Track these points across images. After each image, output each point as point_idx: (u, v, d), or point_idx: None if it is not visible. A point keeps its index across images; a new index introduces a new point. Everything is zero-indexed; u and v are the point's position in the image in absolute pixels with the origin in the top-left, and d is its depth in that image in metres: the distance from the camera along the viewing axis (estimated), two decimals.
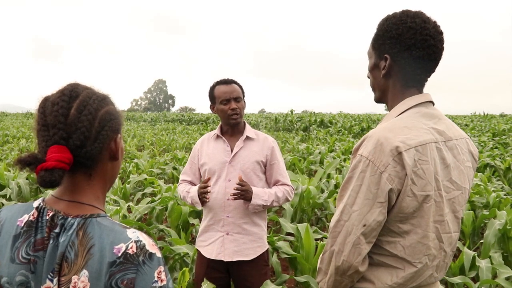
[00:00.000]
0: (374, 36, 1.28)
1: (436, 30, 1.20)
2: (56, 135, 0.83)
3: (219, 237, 2.21)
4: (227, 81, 2.28)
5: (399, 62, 1.22)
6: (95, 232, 0.84)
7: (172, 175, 7.73)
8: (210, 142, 2.33)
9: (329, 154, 9.76)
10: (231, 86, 2.26)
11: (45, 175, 0.80)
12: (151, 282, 0.81)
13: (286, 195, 2.25)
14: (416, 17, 1.20)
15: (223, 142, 2.28)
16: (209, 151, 2.30)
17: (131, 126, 24.84)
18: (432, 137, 1.17)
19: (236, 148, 2.24)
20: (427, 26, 1.19)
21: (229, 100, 2.22)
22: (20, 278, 0.84)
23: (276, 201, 2.21)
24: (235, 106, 2.21)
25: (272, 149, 2.28)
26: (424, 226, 1.16)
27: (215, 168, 2.24)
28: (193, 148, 2.41)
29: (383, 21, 1.25)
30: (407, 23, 1.19)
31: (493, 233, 3.64)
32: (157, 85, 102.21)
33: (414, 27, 1.18)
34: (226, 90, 2.24)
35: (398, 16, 1.22)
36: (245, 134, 2.27)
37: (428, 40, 1.18)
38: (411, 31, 1.18)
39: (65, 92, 0.88)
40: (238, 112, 2.23)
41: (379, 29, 1.26)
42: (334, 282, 1.21)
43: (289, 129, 22.49)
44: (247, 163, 2.21)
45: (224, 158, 2.24)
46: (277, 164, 2.28)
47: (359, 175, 1.15)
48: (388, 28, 1.22)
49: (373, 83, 1.33)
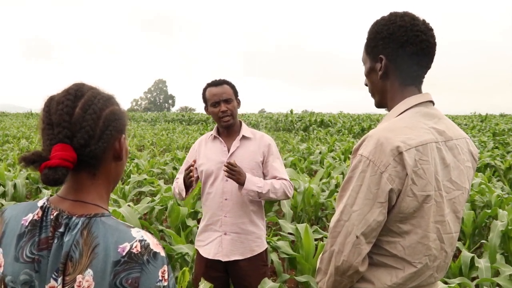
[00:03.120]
0: (366, 41, 1.29)
1: (426, 27, 1.22)
2: (60, 133, 0.84)
3: (217, 237, 2.21)
4: (217, 83, 2.27)
5: (395, 61, 1.23)
6: (100, 231, 0.84)
7: (172, 175, 7.73)
8: (208, 143, 2.34)
9: (329, 154, 9.77)
10: (221, 88, 2.24)
11: (49, 173, 0.80)
12: (156, 281, 0.82)
13: (283, 188, 2.19)
14: (405, 15, 1.23)
15: (220, 142, 2.28)
16: (206, 152, 2.30)
17: (131, 126, 24.79)
18: (433, 137, 1.17)
19: (233, 148, 2.24)
20: (416, 23, 1.21)
21: (219, 103, 2.22)
22: (24, 277, 0.85)
23: (273, 192, 2.15)
24: (224, 108, 2.21)
25: (268, 146, 2.27)
26: (424, 226, 1.16)
27: (212, 168, 2.24)
28: (191, 149, 2.42)
29: (373, 25, 1.27)
30: (396, 22, 1.21)
31: (497, 235, 3.64)
32: (157, 85, 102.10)
33: (404, 25, 1.20)
34: (216, 92, 2.23)
35: (387, 18, 1.25)
36: (241, 134, 2.27)
37: (419, 36, 1.19)
38: (402, 29, 1.20)
39: (70, 92, 0.88)
40: (229, 113, 2.22)
41: (370, 33, 1.27)
42: (333, 282, 1.21)
43: (289, 129, 22.46)
44: (245, 163, 2.20)
45: (221, 158, 2.24)
46: (274, 161, 2.27)
47: (359, 175, 1.15)
48: (379, 29, 1.24)
49: (371, 88, 1.33)
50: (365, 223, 1.14)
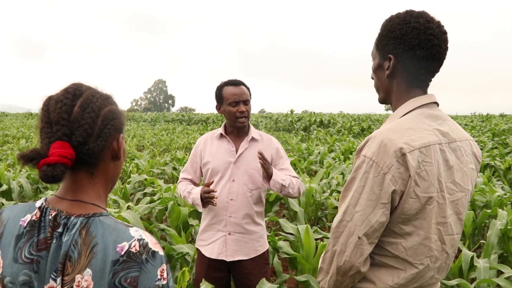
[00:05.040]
0: (378, 37, 1.27)
1: (440, 30, 1.20)
2: (59, 131, 0.84)
3: (221, 237, 2.20)
4: (236, 83, 2.26)
5: (403, 62, 1.22)
6: (98, 231, 0.84)
7: (172, 175, 7.74)
8: (214, 141, 2.31)
9: (329, 155, 9.77)
10: (240, 88, 2.23)
11: (48, 170, 0.80)
12: (154, 280, 0.82)
13: (298, 185, 2.23)
14: (420, 17, 1.20)
15: (227, 142, 2.26)
16: (213, 150, 2.28)
17: (131, 126, 24.82)
18: (436, 139, 1.17)
19: (241, 149, 2.23)
20: (431, 26, 1.18)
21: (238, 103, 2.20)
22: (23, 278, 0.85)
23: (291, 188, 2.19)
24: (243, 109, 2.20)
25: (276, 150, 2.29)
26: (426, 227, 1.15)
27: (219, 168, 2.22)
28: (195, 146, 2.38)
29: (386, 22, 1.25)
30: (410, 23, 1.19)
31: (495, 233, 3.64)
32: (157, 85, 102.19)
33: (417, 27, 1.18)
34: (236, 92, 2.21)
35: (402, 16, 1.22)
36: (251, 135, 2.26)
37: (432, 40, 1.18)
38: (415, 31, 1.18)
39: (69, 90, 0.88)
40: (246, 115, 2.22)
41: (383, 30, 1.25)
42: (335, 282, 1.21)
43: (289, 129, 22.48)
44: (252, 164, 2.20)
45: (228, 158, 2.22)
46: (284, 163, 2.29)
47: (362, 176, 1.15)
48: (392, 28, 1.22)
49: (377, 84, 1.33)
50: (368, 223, 1.13)
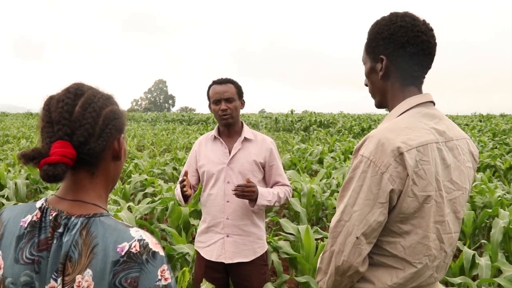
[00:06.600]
0: (367, 41, 1.29)
1: (427, 27, 1.22)
2: (60, 131, 0.84)
3: (219, 239, 2.20)
4: (222, 81, 2.27)
5: (395, 61, 1.23)
6: (99, 231, 0.84)
7: (172, 175, 7.74)
8: (208, 143, 2.32)
9: (329, 154, 9.77)
10: (224, 86, 2.24)
11: (49, 169, 0.80)
12: (155, 281, 0.82)
13: (286, 195, 2.27)
14: (405, 16, 1.23)
15: (220, 143, 2.27)
16: (207, 153, 2.29)
17: (131, 126, 24.81)
18: (433, 138, 1.17)
19: (234, 150, 2.23)
20: (417, 23, 1.21)
21: (220, 101, 2.22)
22: (24, 278, 0.85)
23: (278, 202, 2.22)
24: (224, 107, 2.20)
25: (270, 151, 2.27)
26: (425, 226, 1.16)
27: (213, 170, 2.23)
28: (192, 149, 2.41)
29: (373, 26, 1.28)
30: (397, 23, 1.21)
31: (499, 231, 3.64)
32: (157, 85, 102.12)
33: (404, 25, 1.21)
34: (218, 91, 2.23)
35: (388, 18, 1.25)
36: (243, 136, 2.26)
37: (420, 36, 1.20)
38: (402, 30, 1.20)
39: (70, 90, 0.88)
40: (229, 113, 2.21)
41: (371, 33, 1.28)
42: (334, 282, 1.21)
43: (289, 129, 22.47)
44: (246, 165, 2.20)
45: (222, 160, 2.23)
46: (276, 166, 2.29)
47: (360, 175, 1.15)
48: (380, 30, 1.24)
49: (372, 89, 1.33)
50: (366, 223, 1.13)
